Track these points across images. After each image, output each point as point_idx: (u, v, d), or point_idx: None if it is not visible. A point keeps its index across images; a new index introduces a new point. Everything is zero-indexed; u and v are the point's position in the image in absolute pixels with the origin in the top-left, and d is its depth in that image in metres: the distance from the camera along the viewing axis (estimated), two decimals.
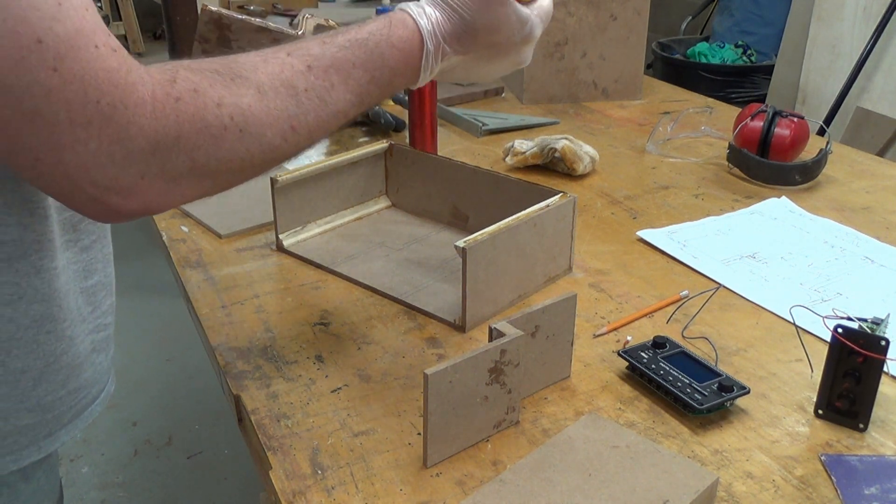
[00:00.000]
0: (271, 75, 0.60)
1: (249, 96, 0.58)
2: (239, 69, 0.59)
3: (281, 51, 0.62)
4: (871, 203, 1.26)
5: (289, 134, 0.61)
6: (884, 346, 0.72)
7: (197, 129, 0.55)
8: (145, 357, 2.49)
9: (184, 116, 0.54)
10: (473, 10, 0.69)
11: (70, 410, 0.71)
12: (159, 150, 0.54)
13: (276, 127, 0.60)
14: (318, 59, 0.63)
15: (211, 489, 2.02)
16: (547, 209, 0.95)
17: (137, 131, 0.52)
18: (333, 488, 0.68)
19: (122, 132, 0.52)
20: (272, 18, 2.82)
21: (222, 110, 0.57)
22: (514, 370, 0.73)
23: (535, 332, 0.78)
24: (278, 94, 0.60)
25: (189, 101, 0.55)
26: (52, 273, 0.65)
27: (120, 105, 0.51)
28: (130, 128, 0.52)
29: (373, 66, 0.66)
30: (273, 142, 0.60)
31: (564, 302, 0.80)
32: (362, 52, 0.65)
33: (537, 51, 1.71)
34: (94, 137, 0.51)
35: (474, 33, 0.70)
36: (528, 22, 0.73)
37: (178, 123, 0.54)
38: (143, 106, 0.52)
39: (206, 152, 0.57)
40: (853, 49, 2.42)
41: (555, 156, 1.32)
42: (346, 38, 0.65)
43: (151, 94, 0.53)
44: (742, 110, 1.43)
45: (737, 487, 0.68)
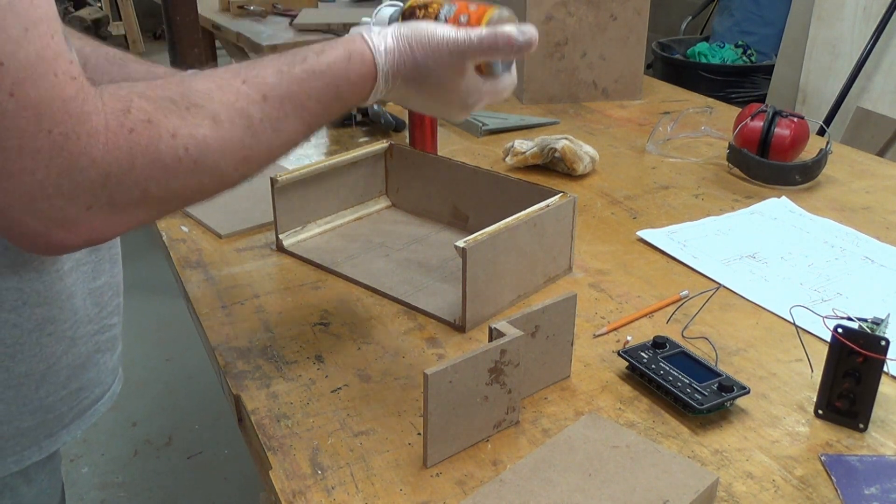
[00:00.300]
0: (227, 104, 0.59)
1: (205, 126, 0.57)
2: (194, 97, 0.58)
3: (236, 77, 0.61)
4: (871, 203, 1.26)
5: (241, 164, 0.61)
6: (884, 346, 0.72)
7: (150, 161, 0.54)
8: (145, 357, 2.49)
9: (137, 148, 0.53)
10: (431, 62, 0.70)
11: (72, 411, 0.71)
12: (110, 181, 0.53)
13: (229, 157, 0.59)
14: (274, 88, 0.62)
15: (211, 489, 2.02)
16: (547, 209, 0.95)
17: (89, 163, 0.51)
18: (333, 488, 0.68)
19: (73, 163, 0.51)
20: (272, 18, 2.82)
21: (177, 141, 0.55)
22: (514, 370, 0.73)
23: (535, 332, 0.78)
24: (233, 124, 0.59)
25: (143, 131, 0.53)
26: (56, 276, 0.65)
27: (73, 135, 0.50)
28: (81, 159, 0.51)
29: (327, 98, 0.65)
30: (226, 172, 0.60)
31: (564, 302, 0.80)
32: (319, 84, 0.65)
33: (537, 51, 1.72)
34: (43, 167, 0.50)
35: (423, 80, 0.71)
36: (477, 95, 0.74)
37: (131, 155, 0.53)
38: (97, 136, 0.51)
39: (159, 183, 0.55)
40: (853, 49, 2.42)
41: (555, 156, 1.32)
42: (303, 69, 0.64)
43: (105, 125, 0.52)
44: (742, 110, 1.43)
45: (737, 487, 0.68)
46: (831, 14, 2.50)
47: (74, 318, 0.68)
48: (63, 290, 0.66)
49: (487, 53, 0.70)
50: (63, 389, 0.69)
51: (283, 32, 2.63)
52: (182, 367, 2.46)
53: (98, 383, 0.74)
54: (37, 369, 0.66)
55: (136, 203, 0.55)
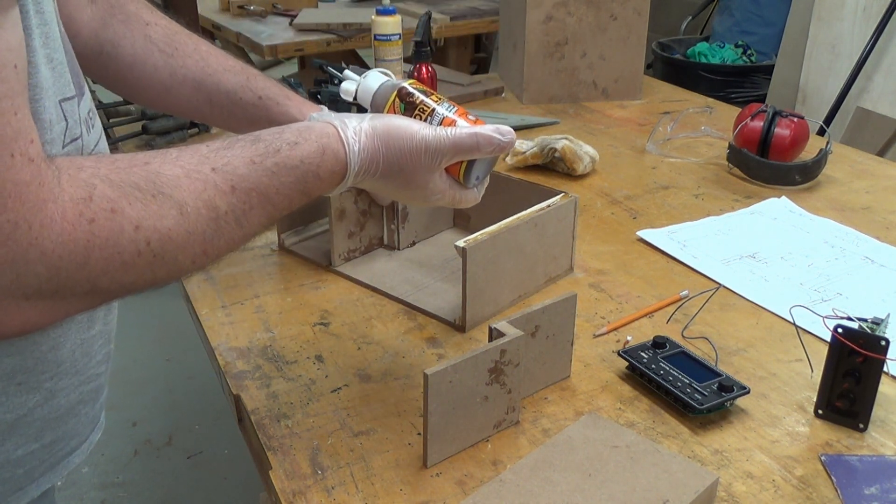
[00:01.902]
0: (195, 194, 0.56)
1: (171, 218, 0.54)
2: (162, 184, 0.54)
3: (206, 164, 0.58)
4: (871, 203, 1.26)
5: (199, 257, 0.57)
6: (884, 346, 0.72)
7: (107, 256, 0.50)
8: (145, 357, 2.49)
9: (95, 241, 0.49)
10: (403, 163, 0.69)
11: (43, 464, 0.67)
12: (59, 275, 0.48)
13: (189, 250, 0.56)
14: (244, 179, 0.59)
15: (211, 489, 2.02)
16: (548, 209, 0.95)
17: (37, 255, 0.47)
18: (333, 488, 0.68)
19: (20, 255, 0.46)
20: (272, 18, 2.82)
21: (139, 234, 0.52)
22: (514, 370, 0.73)
23: (535, 332, 0.78)
24: (199, 215, 0.56)
25: (104, 222, 0.50)
26: None
27: (23, 224, 0.46)
28: (30, 251, 0.47)
29: (293, 192, 0.63)
30: (183, 265, 0.56)
31: (564, 302, 0.80)
32: (289, 179, 0.62)
33: (538, 51, 1.72)
34: None
35: (392, 176, 0.70)
36: (440, 196, 0.73)
37: (88, 248, 0.49)
38: (51, 227, 0.47)
39: (112, 278, 0.51)
40: (853, 49, 2.41)
41: (555, 156, 1.32)
42: (275, 162, 0.61)
43: (62, 214, 0.48)
44: (742, 110, 1.43)
45: (737, 487, 0.68)
46: (831, 14, 2.50)
47: (56, 370, 0.64)
48: (45, 342, 0.62)
49: (465, 153, 0.70)
50: (35, 443, 0.64)
51: (283, 32, 2.63)
52: (182, 367, 2.46)
53: (75, 435, 0.69)
54: (2, 420, 0.61)
55: (82, 295, 0.51)
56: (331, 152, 0.65)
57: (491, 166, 0.76)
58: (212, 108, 0.89)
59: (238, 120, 0.89)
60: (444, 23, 2.76)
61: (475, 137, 0.70)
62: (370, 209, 1.06)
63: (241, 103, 0.88)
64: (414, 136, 0.68)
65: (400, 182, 0.70)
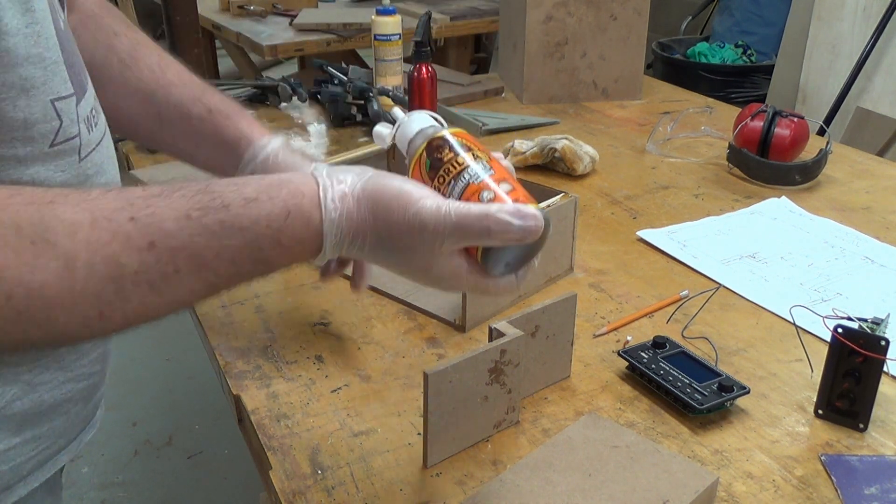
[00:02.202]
0: (93, 245, 0.47)
1: (48, 272, 0.46)
2: (51, 229, 0.46)
3: (125, 211, 0.49)
4: (871, 203, 1.26)
5: (95, 321, 0.49)
6: (884, 346, 0.72)
7: None
8: (145, 357, 2.49)
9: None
10: (395, 240, 0.55)
11: (29, 461, 0.64)
12: None
13: (77, 312, 0.48)
14: (169, 237, 0.49)
15: (211, 489, 2.02)
16: (548, 209, 0.95)
17: None
18: (333, 488, 0.68)
19: None
20: (272, 18, 2.82)
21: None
22: (514, 370, 0.73)
23: (535, 332, 0.78)
24: (93, 272, 0.47)
25: None
26: None
27: None
28: None
29: (242, 258, 0.53)
30: (69, 328, 0.48)
31: (564, 302, 0.80)
32: (234, 243, 0.51)
33: (537, 51, 1.72)
34: None
35: (386, 252, 0.57)
36: (455, 281, 0.58)
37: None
38: None
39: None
40: (853, 49, 2.41)
41: (555, 156, 1.32)
42: (218, 219, 0.51)
43: None
44: (742, 110, 1.43)
45: (737, 487, 0.68)
46: (831, 14, 2.50)
47: (34, 363, 0.61)
48: None
49: (473, 239, 0.56)
50: (15, 437, 0.62)
51: (283, 32, 2.63)
52: (182, 367, 2.46)
53: (63, 433, 0.67)
54: None
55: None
56: (299, 216, 0.54)
57: (531, 252, 0.61)
58: (160, 125, 0.82)
59: (186, 136, 0.82)
60: (444, 23, 2.76)
61: (485, 221, 0.55)
62: None
63: (188, 116, 0.81)
64: (408, 208, 0.54)
65: (399, 261, 0.57)
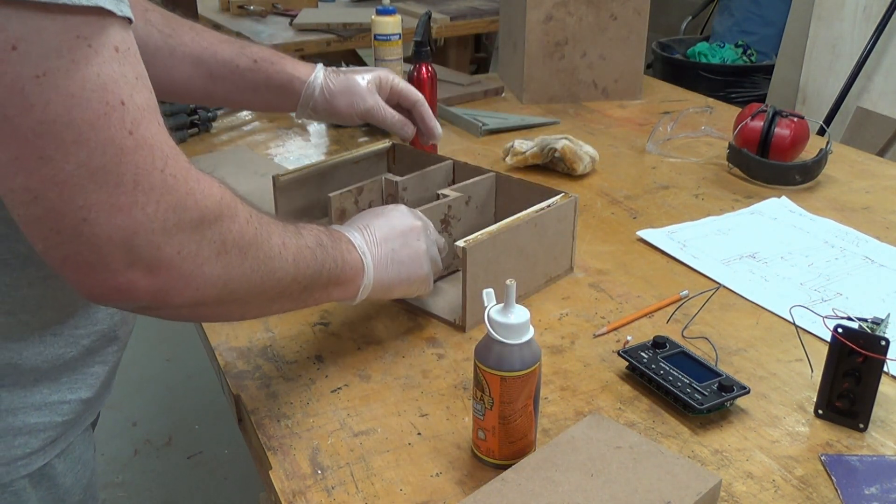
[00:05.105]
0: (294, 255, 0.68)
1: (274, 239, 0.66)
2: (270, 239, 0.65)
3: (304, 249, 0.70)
4: (871, 203, 1.26)
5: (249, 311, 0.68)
6: (884, 346, 0.72)
7: (232, 220, 0.60)
8: (145, 357, 2.49)
9: (224, 201, 0.59)
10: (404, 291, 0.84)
11: (73, 410, 0.69)
12: (203, 225, 0.56)
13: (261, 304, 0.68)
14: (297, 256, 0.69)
15: (211, 489, 2.02)
16: (548, 209, 0.95)
17: (192, 203, 0.55)
18: (333, 488, 0.68)
19: (181, 201, 0.54)
20: (272, 18, 2.82)
21: (250, 225, 0.62)
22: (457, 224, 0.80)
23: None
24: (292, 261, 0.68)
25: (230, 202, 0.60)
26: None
27: (181, 177, 0.54)
28: (188, 198, 0.54)
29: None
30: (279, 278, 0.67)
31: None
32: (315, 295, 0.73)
33: (538, 51, 1.72)
34: (153, 202, 0.52)
35: (389, 294, 0.84)
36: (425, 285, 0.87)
37: (220, 206, 0.58)
38: (197, 182, 0.56)
39: (235, 239, 0.60)
40: (853, 49, 2.42)
41: (555, 156, 1.32)
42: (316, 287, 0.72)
43: (216, 186, 0.58)
44: (742, 110, 1.43)
45: (737, 487, 0.68)
46: (831, 14, 2.50)
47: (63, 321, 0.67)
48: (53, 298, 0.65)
49: None
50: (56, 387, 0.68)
51: (283, 32, 2.63)
52: (182, 367, 2.46)
53: (93, 384, 0.71)
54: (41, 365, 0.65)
55: (215, 258, 0.58)
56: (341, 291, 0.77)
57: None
58: (213, 82, 0.97)
59: (240, 88, 0.99)
60: (444, 23, 2.76)
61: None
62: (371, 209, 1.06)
63: (238, 70, 0.97)
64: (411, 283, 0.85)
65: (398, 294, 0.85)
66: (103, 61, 0.49)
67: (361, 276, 0.77)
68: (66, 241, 0.51)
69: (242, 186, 1.30)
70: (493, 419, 0.68)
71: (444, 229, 0.98)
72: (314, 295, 0.72)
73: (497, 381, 0.67)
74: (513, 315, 0.66)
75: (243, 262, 0.61)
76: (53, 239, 0.51)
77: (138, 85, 0.51)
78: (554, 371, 0.84)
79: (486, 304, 0.68)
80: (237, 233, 0.60)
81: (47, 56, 0.47)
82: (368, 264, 0.78)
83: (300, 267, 0.68)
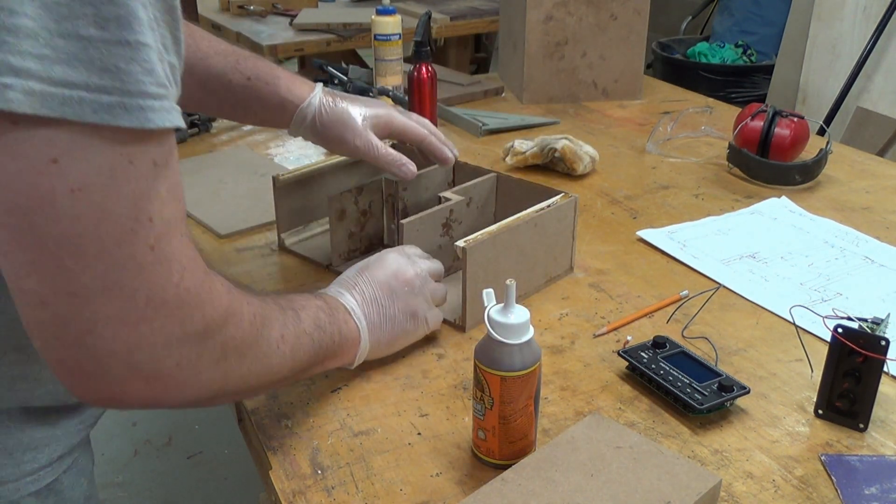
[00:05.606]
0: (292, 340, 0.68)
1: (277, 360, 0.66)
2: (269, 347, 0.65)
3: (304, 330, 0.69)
4: (871, 203, 1.26)
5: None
6: (884, 346, 0.72)
7: (240, 325, 0.59)
8: None
9: (234, 306, 0.58)
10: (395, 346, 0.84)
11: (81, 430, 0.71)
12: (207, 334, 0.55)
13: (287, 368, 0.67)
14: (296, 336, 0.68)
15: (211, 489, 2.02)
16: (548, 209, 0.95)
17: (200, 315, 0.54)
18: (333, 488, 0.68)
19: (189, 315, 0.53)
20: (272, 18, 2.82)
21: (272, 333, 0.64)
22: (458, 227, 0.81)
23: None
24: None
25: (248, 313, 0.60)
26: None
27: (193, 288, 0.53)
28: (196, 311, 0.53)
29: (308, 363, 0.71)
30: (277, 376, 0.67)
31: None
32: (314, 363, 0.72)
33: (537, 51, 1.72)
34: (162, 317, 0.51)
35: (387, 352, 0.83)
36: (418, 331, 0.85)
37: (227, 314, 0.57)
38: (210, 291, 0.55)
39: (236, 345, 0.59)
40: (853, 49, 2.42)
41: (555, 156, 1.32)
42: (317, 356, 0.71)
43: (225, 289, 0.57)
44: (742, 110, 1.43)
45: (737, 487, 0.68)
46: (831, 14, 2.50)
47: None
48: None
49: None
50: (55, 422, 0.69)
51: (283, 32, 2.63)
52: None
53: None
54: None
55: (213, 366, 0.57)
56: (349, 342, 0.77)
57: None
58: (206, 94, 0.93)
59: (232, 104, 0.94)
60: (444, 23, 2.76)
61: None
62: (370, 209, 1.06)
63: (230, 86, 0.92)
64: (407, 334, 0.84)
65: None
66: (140, 177, 0.48)
67: (358, 344, 0.77)
68: (66, 348, 0.50)
69: (242, 186, 1.30)
70: (493, 419, 0.68)
71: (445, 233, 0.98)
72: (309, 372, 0.72)
73: (497, 381, 0.67)
74: (513, 315, 0.66)
75: (241, 364, 0.60)
76: (53, 343, 0.50)
77: (169, 198, 0.50)
78: (554, 371, 0.84)
79: (486, 304, 0.68)
80: (239, 338, 0.59)
81: (87, 172, 0.46)
82: (363, 328, 0.77)
83: (297, 356, 0.67)
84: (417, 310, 0.83)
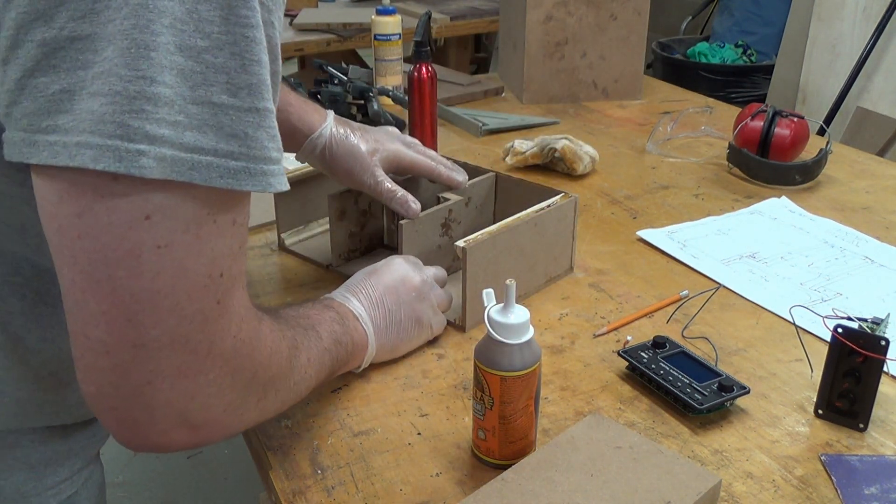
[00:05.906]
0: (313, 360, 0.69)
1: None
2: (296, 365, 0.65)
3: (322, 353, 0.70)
4: (871, 203, 1.26)
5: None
6: (884, 346, 0.72)
7: (277, 363, 0.60)
8: None
9: (275, 356, 0.59)
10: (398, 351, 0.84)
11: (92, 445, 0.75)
12: (255, 381, 0.56)
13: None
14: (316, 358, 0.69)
15: (211, 489, 2.02)
16: (548, 209, 0.95)
17: (250, 364, 0.55)
18: (333, 488, 0.68)
19: (242, 365, 0.54)
20: None
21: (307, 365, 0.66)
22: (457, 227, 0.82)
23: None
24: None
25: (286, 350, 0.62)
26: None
27: (248, 339, 0.54)
28: (247, 361, 0.54)
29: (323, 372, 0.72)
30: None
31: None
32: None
33: (537, 51, 1.72)
34: (218, 367, 0.52)
35: (392, 355, 0.84)
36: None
37: (269, 362, 0.58)
38: (262, 341, 0.56)
39: (276, 385, 0.60)
40: (853, 49, 2.42)
41: (555, 156, 1.32)
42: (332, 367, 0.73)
43: (269, 329, 0.58)
44: (742, 110, 1.43)
45: (737, 487, 0.68)
46: (831, 14, 2.50)
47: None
48: None
49: None
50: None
51: (283, 32, 2.61)
52: None
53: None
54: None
55: (251, 409, 0.58)
56: (360, 347, 0.79)
57: None
58: None
59: None
60: (444, 23, 2.76)
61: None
62: (370, 209, 1.06)
63: None
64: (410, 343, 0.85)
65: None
66: (220, 234, 0.49)
67: (366, 349, 0.79)
68: (121, 398, 0.50)
69: None
70: (493, 419, 0.68)
71: (444, 233, 0.98)
72: (323, 381, 0.72)
73: (497, 381, 0.67)
74: (513, 315, 0.66)
75: (276, 398, 0.61)
76: (109, 392, 0.50)
77: (239, 254, 0.51)
78: (554, 371, 0.84)
79: (486, 304, 0.68)
80: (278, 376, 0.60)
81: (175, 229, 0.46)
82: (370, 333, 0.79)
83: (319, 375, 0.69)
84: (423, 316, 0.84)
